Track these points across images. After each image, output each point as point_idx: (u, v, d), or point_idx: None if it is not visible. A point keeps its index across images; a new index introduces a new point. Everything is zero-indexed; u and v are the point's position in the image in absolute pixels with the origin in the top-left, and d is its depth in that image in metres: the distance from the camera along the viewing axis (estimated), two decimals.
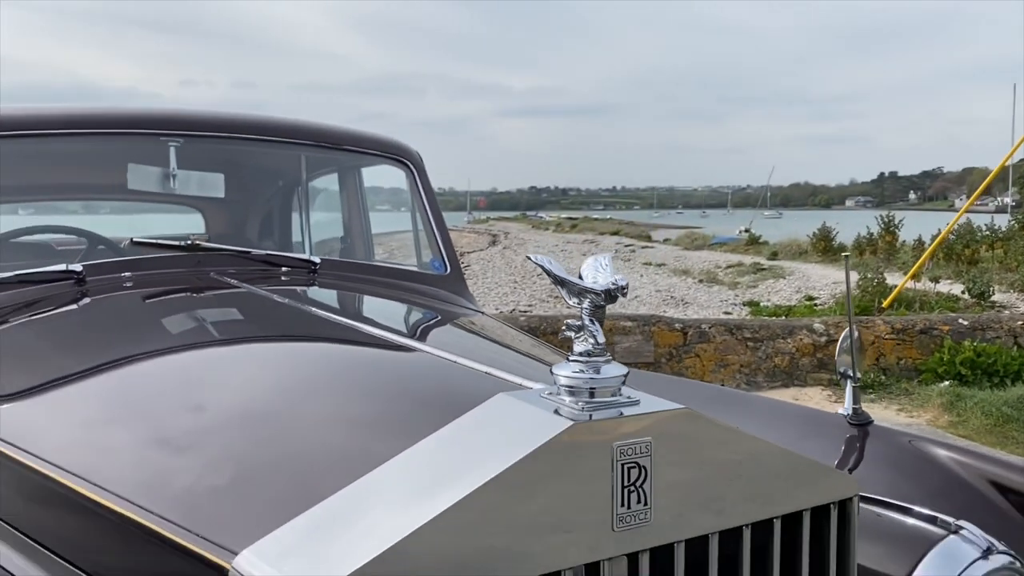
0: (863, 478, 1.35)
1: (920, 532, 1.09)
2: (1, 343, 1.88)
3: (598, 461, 0.77)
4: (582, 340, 0.83)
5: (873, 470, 1.39)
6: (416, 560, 0.69)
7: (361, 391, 1.28)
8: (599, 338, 0.82)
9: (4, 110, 2.25)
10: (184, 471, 1.04)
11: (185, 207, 3.34)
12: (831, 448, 1.45)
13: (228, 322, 1.96)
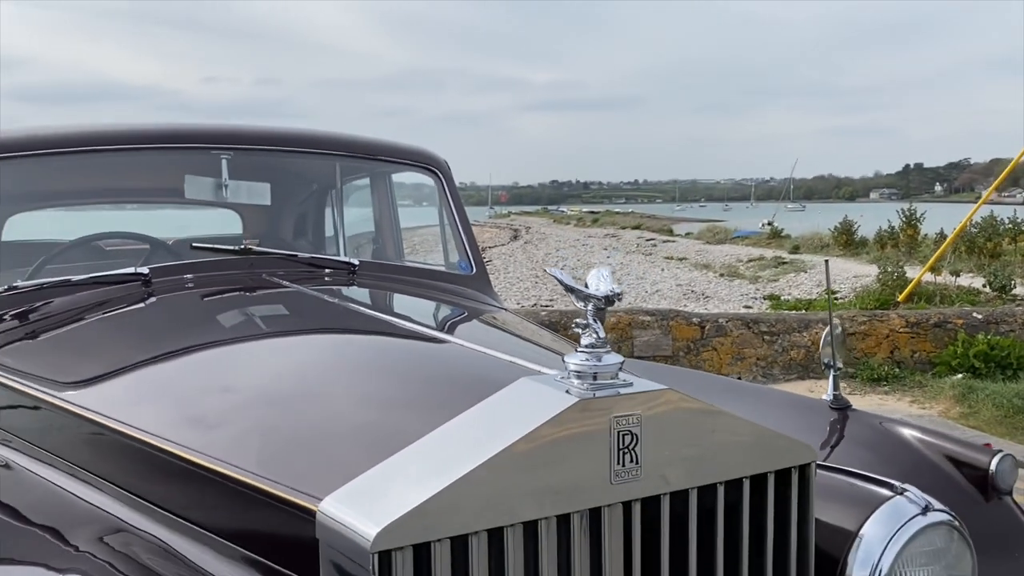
0: (839, 453, 1.57)
1: (871, 494, 1.30)
2: (80, 337, 2.13)
3: (598, 429, 0.99)
4: (588, 335, 1.05)
5: (848, 446, 1.60)
6: (459, 501, 0.92)
7: (402, 375, 1.52)
8: (600, 333, 1.04)
9: (84, 128, 2.52)
10: (266, 437, 1.28)
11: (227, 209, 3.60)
12: (815, 429, 1.66)
13: (280, 316, 2.20)
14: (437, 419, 1.06)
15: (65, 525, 1.33)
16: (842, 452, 1.56)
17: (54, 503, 1.44)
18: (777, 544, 1.15)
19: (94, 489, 1.45)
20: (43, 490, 1.50)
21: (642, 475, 1.01)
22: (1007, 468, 1.50)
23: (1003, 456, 1.52)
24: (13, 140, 2.40)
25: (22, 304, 2.24)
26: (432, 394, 1.32)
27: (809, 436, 1.54)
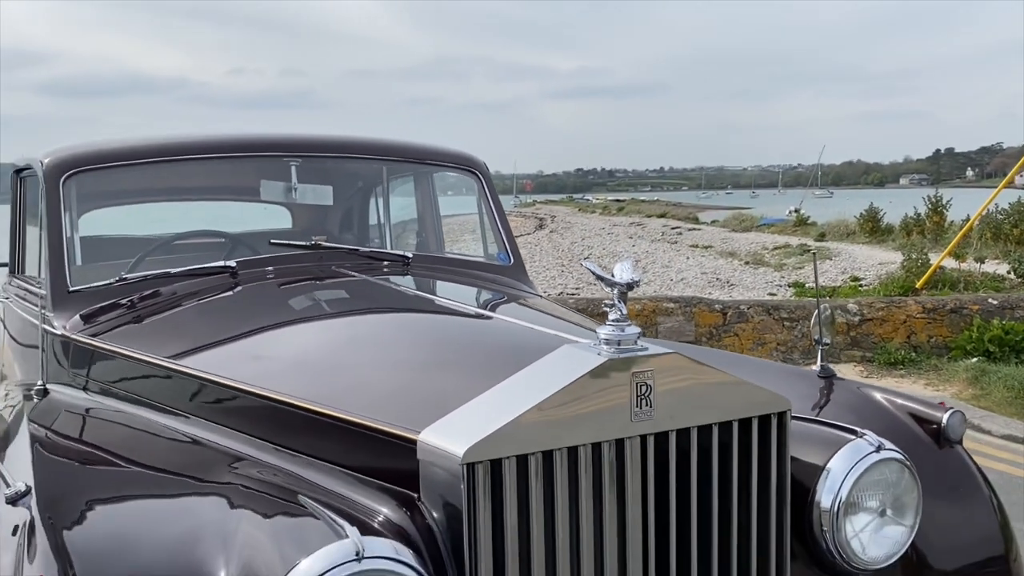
0: (822, 411, 1.91)
1: (837, 437, 1.63)
2: (180, 320, 2.52)
3: (622, 381, 1.34)
4: (614, 312, 1.40)
5: (831, 406, 1.94)
6: (520, 432, 1.27)
7: (464, 344, 1.90)
8: (623, 311, 1.39)
9: (180, 138, 2.93)
10: (362, 390, 1.66)
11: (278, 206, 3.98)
12: (804, 393, 1.99)
13: (352, 299, 2.58)
14: (495, 377, 1.42)
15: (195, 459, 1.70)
16: (825, 410, 1.90)
17: (182, 442, 1.82)
18: (760, 475, 1.49)
19: (215, 433, 1.83)
20: (172, 434, 1.88)
21: (654, 415, 1.36)
22: (956, 422, 1.84)
23: (953, 412, 1.85)
24: (129, 150, 2.83)
25: (131, 293, 2.63)
26: (489, 358, 1.68)
27: (799, 398, 1.88)
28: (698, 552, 1.44)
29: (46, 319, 2.58)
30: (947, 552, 1.75)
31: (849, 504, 1.56)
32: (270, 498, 1.39)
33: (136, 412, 2.09)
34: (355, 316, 2.37)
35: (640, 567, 1.38)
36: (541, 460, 1.29)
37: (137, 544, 1.30)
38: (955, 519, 1.78)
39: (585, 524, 1.33)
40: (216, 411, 1.89)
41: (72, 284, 2.62)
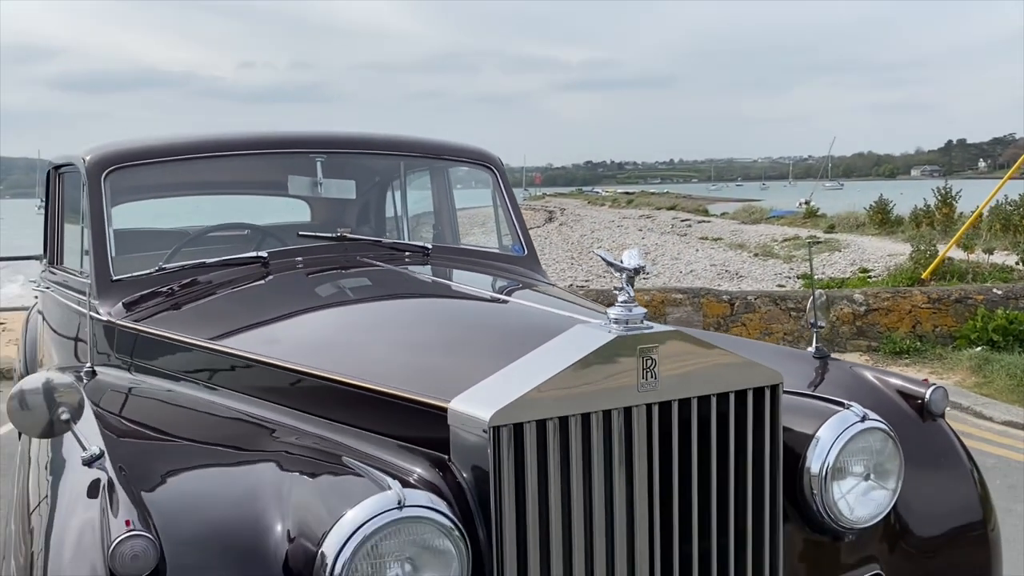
0: (816, 388, 2.06)
1: (826, 409, 1.79)
2: (217, 306, 2.69)
3: (629, 356, 1.50)
4: (622, 295, 1.56)
5: (824, 383, 2.09)
6: (539, 400, 1.44)
7: (484, 324, 2.08)
8: (631, 294, 1.55)
9: (207, 136, 3.10)
10: (393, 365, 1.83)
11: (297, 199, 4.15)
12: (800, 372, 2.15)
13: (377, 286, 2.75)
14: (514, 354, 1.58)
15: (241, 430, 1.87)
16: (818, 387, 2.06)
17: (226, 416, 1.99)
18: (755, 442, 1.65)
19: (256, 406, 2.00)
20: (217, 408, 2.05)
21: (658, 387, 1.52)
22: (939, 397, 2.00)
23: (935, 388, 2.01)
24: (165, 147, 3.00)
25: (170, 281, 2.81)
26: (508, 337, 1.84)
27: (794, 376, 2.04)
28: (698, 510, 1.61)
29: (92, 306, 2.76)
30: (927, 517, 1.91)
31: (836, 469, 1.72)
32: (316, 461, 1.57)
33: (181, 389, 2.27)
34: (381, 301, 2.54)
35: (646, 522, 1.55)
36: (558, 425, 1.46)
37: (203, 500, 1.47)
38: (936, 487, 1.94)
39: (597, 483, 1.50)
40: (256, 387, 2.06)
41: (115, 274, 2.80)
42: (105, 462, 1.48)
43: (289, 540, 1.37)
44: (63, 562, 1.37)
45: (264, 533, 1.39)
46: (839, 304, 8.27)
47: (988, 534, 1.98)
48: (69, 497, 1.50)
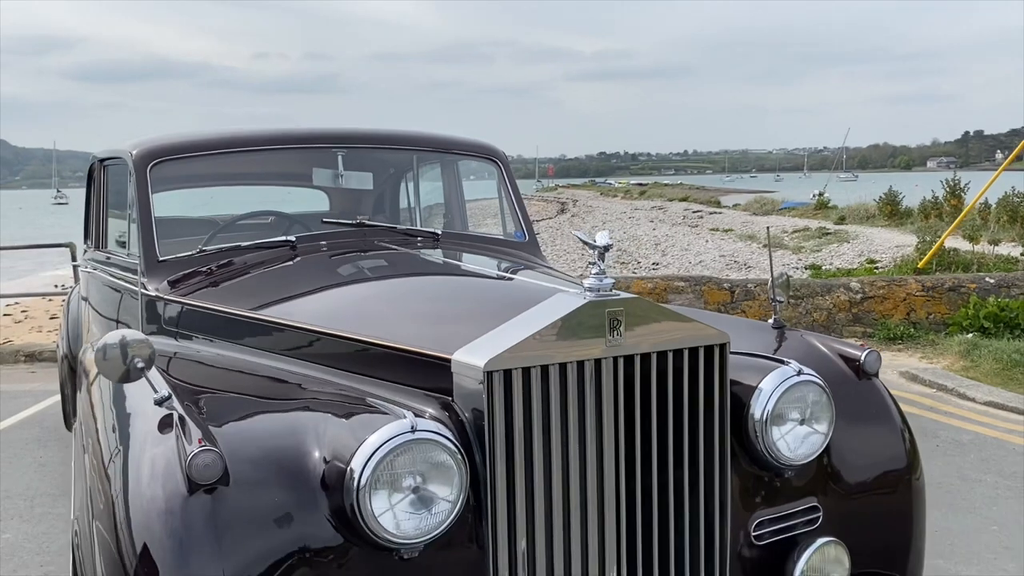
0: (772, 352, 2.38)
1: (769, 365, 2.10)
2: (252, 283, 3.05)
3: (599, 316, 1.83)
4: (595, 268, 1.90)
5: (779, 349, 2.42)
6: (524, 352, 1.77)
7: (484, 294, 2.43)
8: (602, 267, 1.89)
9: (240, 132, 3.46)
10: (405, 326, 2.18)
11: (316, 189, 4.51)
12: (760, 340, 2.47)
13: (393, 265, 3.10)
14: (505, 318, 1.92)
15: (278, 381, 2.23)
16: (774, 351, 2.39)
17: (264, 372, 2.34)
18: (706, 392, 1.98)
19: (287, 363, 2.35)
20: (255, 367, 2.40)
21: (623, 343, 1.86)
22: (872, 359, 2.32)
23: (869, 352, 2.34)
24: (203, 142, 3.38)
25: (209, 262, 3.18)
26: (501, 304, 2.17)
27: (755, 343, 2.37)
28: (658, 448, 1.94)
29: (141, 284, 3.13)
30: (859, 462, 2.23)
31: (775, 415, 2.05)
32: (342, 403, 1.92)
33: (222, 352, 2.63)
34: (396, 278, 2.90)
35: (612, 455, 1.88)
36: (540, 372, 1.80)
37: (254, 433, 1.82)
38: (867, 436, 2.27)
39: (572, 420, 1.84)
40: (287, 348, 2.42)
41: (161, 255, 3.17)
42: (173, 402, 1.83)
43: (324, 463, 1.72)
44: (144, 480, 1.71)
45: (304, 458, 1.74)
46: (835, 292, 8.57)
47: (912, 481, 2.31)
48: (144, 431, 1.84)
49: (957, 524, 4.05)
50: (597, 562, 1.89)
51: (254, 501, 1.65)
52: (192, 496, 1.61)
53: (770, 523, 2.08)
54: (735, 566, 2.05)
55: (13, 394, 7.37)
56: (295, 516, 1.66)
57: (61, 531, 4.26)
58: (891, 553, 2.25)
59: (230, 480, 1.64)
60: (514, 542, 1.78)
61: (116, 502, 1.73)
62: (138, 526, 1.65)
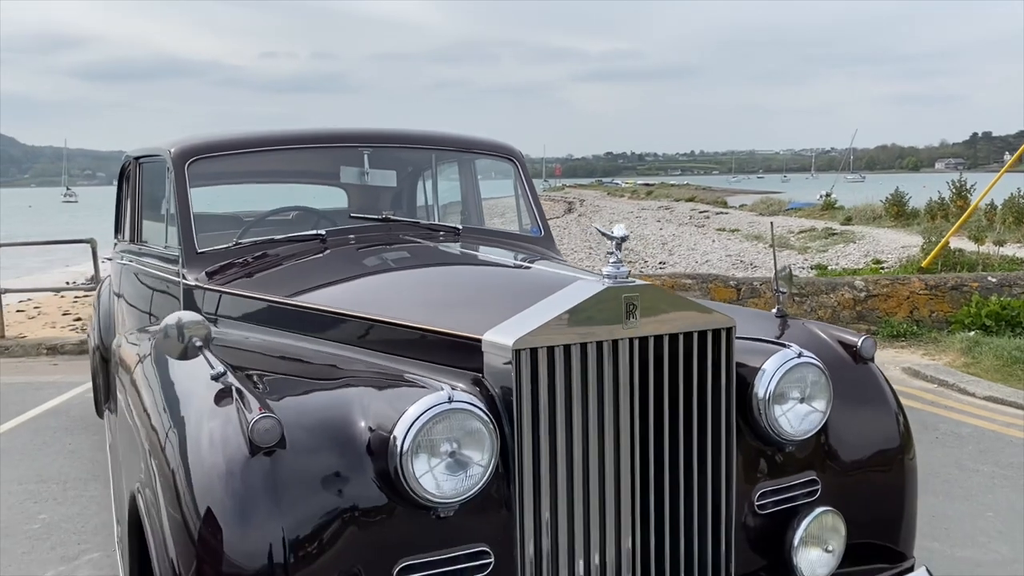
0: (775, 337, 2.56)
1: (772, 348, 2.28)
2: (281, 276, 3.24)
3: (617, 301, 2.01)
4: (613, 257, 2.08)
5: (782, 336, 2.59)
6: (549, 332, 1.95)
7: (507, 282, 2.61)
8: (619, 256, 2.07)
9: (272, 132, 3.66)
10: (436, 310, 2.37)
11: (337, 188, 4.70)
12: (765, 327, 2.65)
13: (416, 257, 3.29)
14: (531, 302, 2.10)
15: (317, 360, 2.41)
16: (777, 337, 2.56)
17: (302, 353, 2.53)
18: (714, 372, 2.15)
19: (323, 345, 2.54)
20: (293, 349, 2.59)
21: (639, 325, 2.04)
22: (868, 344, 2.50)
23: (865, 338, 2.51)
24: (237, 140, 3.57)
25: (244, 254, 3.37)
26: (525, 291, 2.36)
27: (760, 331, 2.55)
28: (669, 423, 2.12)
29: (182, 274, 3.32)
30: (855, 440, 2.41)
31: (777, 394, 2.23)
32: (383, 379, 2.10)
33: (260, 336, 2.82)
34: (422, 268, 3.10)
35: (628, 428, 2.06)
36: (563, 351, 1.98)
37: (305, 405, 2.00)
38: (863, 417, 2.44)
39: (592, 395, 2.02)
40: (322, 332, 2.61)
41: (199, 247, 3.36)
42: (228, 377, 2.01)
43: (370, 431, 1.90)
44: (204, 449, 1.89)
45: (351, 427, 1.92)
46: (840, 290, 8.73)
47: (905, 460, 2.48)
48: (201, 404, 2.02)
49: (953, 510, 4.22)
50: (613, 526, 2.07)
51: (308, 465, 1.83)
52: (253, 459, 1.80)
53: (772, 494, 2.26)
54: (739, 533, 2.23)
55: (38, 385, 7.59)
56: (344, 479, 1.84)
57: (94, 512, 4.46)
58: (885, 525, 2.43)
59: (287, 445, 1.83)
60: (539, 506, 1.97)
61: (178, 471, 1.90)
62: (201, 491, 1.82)
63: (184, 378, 2.19)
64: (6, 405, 6.83)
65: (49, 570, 3.80)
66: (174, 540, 1.83)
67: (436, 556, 1.85)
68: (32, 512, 4.51)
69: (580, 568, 2.04)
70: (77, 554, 3.96)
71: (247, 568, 1.75)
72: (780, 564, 2.24)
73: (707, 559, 2.17)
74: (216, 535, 1.77)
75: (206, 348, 2.07)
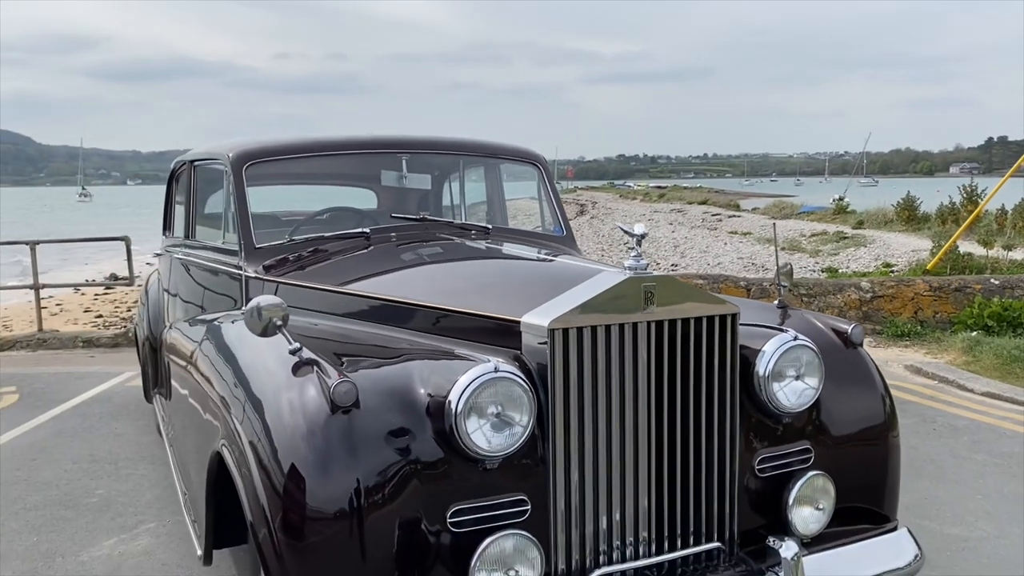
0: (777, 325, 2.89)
1: (772, 333, 2.60)
2: (331, 269, 3.59)
3: (637, 289, 2.34)
4: (634, 251, 2.41)
5: (782, 323, 2.92)
6: (579, 315, 2.29)
7: (537, 272, 2.97)
8: (639, 251, 2.41)
9: (320, 139, 4.03)
10: (474, 296, 2.71)
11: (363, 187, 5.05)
12: (767, 316, 2.98)
13: (451, 252, 3.64)
14: (560, 289, 2.44)
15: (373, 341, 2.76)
16: (778, 325, 2.90)
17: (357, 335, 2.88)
18: (720, 353, 2.48)
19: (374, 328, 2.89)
20: (346, 330, 2.93)
21: (656, 311, 2.36)
22: (858, 331, 2.83)
23: (855, 326, 2.84)
24: (289, 145, 3.94)
25: (297, 250, 3.73)
26: (554, 281, 2.70)
27: (763, 320, 2.88)
28: (681, 396, 2.46)
29: (242, 267, 3.69)
30: (844, 416, 2.73)
31: (776, 372, 2.56)
32: (435, 354, 2.45)
33: (316, 320, 3.17)
34: (459, 261, 3.46)
35: (646, 400, 2.39)
36: (591, 332, 2.31)
37: (372, 375, 2.34)
38: (852, 395, 2.76)
39: (615, 371, 2.35)
40: (374, 317, 2.96)
41: (257, 243, 3.73)
42: (304, 351, 2.36)
43: (428, 397, 2.24)
44: (286, 412, 2.23)
45: (412, 393, 2.26)
46: (846, 291, 9.03)
47: (890, 436, 2.80)
48: (282, 373, 2.35)
49: (945, 493, 4.53)
50: (632, 487, 2.40)
51: (378, 424, 2.17)
52: (332, 417, 2.14)
53: (770, 460, 2.59)
54: (742, 495, 2.56)
55: (79, 375, 7.99)
56: (407, 436, 2.18)
57: (147, 488, 4.84)
58: (870, 490, 2.76)
59: (360, 406, 2.17)
60: (569, 466, 2.30)
61: (266, 431, 2.21)
62: (287, 446, 2.15)
63: (262, 353, 2.54)
64: (53, 393, 7.23)
65: (112, 537, 4.17)
66: (264, 489, 2.17)
67: (483, 502, 2.19)
68: (90, 487, 4.88)
69: (603, 522, 2.37)
70: (135, 524, 4.33)
71: (327, 512, 2.09)
72: (777, 521, 2.56)
73: (713, 516, 2.50)
74: (300, 484, 2.11)
75: (285, 326, 2.42)
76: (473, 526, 2.16)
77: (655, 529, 2.43)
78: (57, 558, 3.95)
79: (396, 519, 2.12)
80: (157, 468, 5.18)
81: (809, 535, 2.55)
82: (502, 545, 2.13)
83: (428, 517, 2.15)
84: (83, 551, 4.02)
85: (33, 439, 5.87)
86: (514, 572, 2.14)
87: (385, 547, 2.11)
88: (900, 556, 2.65)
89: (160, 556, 3.94)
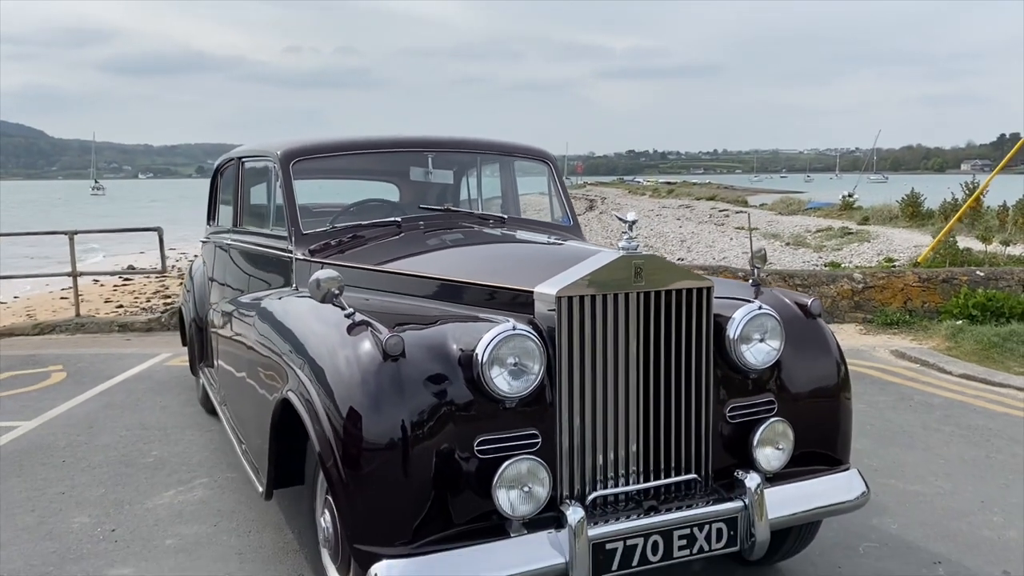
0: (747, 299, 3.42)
1: (742, 304, 3.12)
2: (369, 252, 4.15)
3: (628, 266, 2.86)
4: (627, 234, 2.94)
5: (755, 298, 3.46)
6: (581, 286, 2.82)
7: (546, 253, 3.53)
8: (631, 235, 2.94)
9: (358, 138, 4.59)
10: (493, 272, 3.25)
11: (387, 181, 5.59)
12: (741, 292, 3.50)
13: (473, 237, 4.18)
14: (566, 266, 2.98)
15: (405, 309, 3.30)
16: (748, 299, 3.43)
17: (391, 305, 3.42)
18: (697, 320, 3.01)
19: (409, 299, 3.44)
20: (382, 302, 3.48)
21: (644, 283, 2.89)
22: (816, 305, 3.35)
23: (814, 300, 3.37)
24: (330, 144, 4.51)
25: (337, 236, 4.29)
26: (561, 260, 3.23)
27: (737, 293, 3.41)
28: (664, 356, 2.99)
29: (291, 251, 4.25)
30: (802, 377, 3.22)
31: (743, 336, 3.08)
32: (463, 317, 3.00)
33: (358, 295, 3.72)
34: (480, 244, 4.01)
35: (635, 358, 2.92)
36: (591, 299, 2.84)
37: (412, 333, 2.88)
38: (809, 359, 3.28)
39: (611, 332, 2.87)
40: (405, 289, 3.51)
41: (304, 230, 4.28)
42: (356, 315, 2.91)
43: (460, 351, 2.78)
44: (342, 363, 2.77)
45: (447, 347, 2.77)
46: (840, 281, 9.53)
47: (842, 399, 3.31)
48: (337, 333, 2.91)
49: (912, 458, 5.05)
50: (623, 431, 2.92)
51: (419, 372, 2.71)
52: (384, 363, 2.68)
53: (739, 408, 3.12)
54: (715, 437, 3.08)
55: (118, 356, 8.58)
56: (443, 382, 2.72)
57: (197, 451, 5.40)
58: (825, 437, 3.28)
59: (406, 355, 2.72)
60: (572, 411, 2.83)
61: (325, 382, 2.76)
62: (341, 393, 2.70)
63: (314, 320, 3.11)
64: (97, 371, 7.82)
65: (171, 489, 4.74)
66: (330, 426, 2.72)
67: (503, 434, 2.73)
68: (145, 450, 5.46)
69: (600, 460, 2.91)
70: (190, 479, 4.90)
71: (380, 443, 2.63)
72: (745, 459, 3.10)
73: (691, 454, 3.03)
74: (357, 422, 2.65)
75: (341, 295, 2.97)
76: (495, 453, 2.70)
77: (643, 462, 2.96)
78: (125, 506, 4.52)
79: (435, 447, 2.66)
80: (203, 434, 5.75)
81: (772, 471, 3.08)
82: (518, 467, 2.67)
83: (460, 446, 2.69)
84: (147, 499, 4.59)
85: (87, 410, 6.46)
86: (527, 488, 2.68)
87: (426, 470, 2.65)
88: (850, 491, 3.19)
89: (215, 505, 4.50)
